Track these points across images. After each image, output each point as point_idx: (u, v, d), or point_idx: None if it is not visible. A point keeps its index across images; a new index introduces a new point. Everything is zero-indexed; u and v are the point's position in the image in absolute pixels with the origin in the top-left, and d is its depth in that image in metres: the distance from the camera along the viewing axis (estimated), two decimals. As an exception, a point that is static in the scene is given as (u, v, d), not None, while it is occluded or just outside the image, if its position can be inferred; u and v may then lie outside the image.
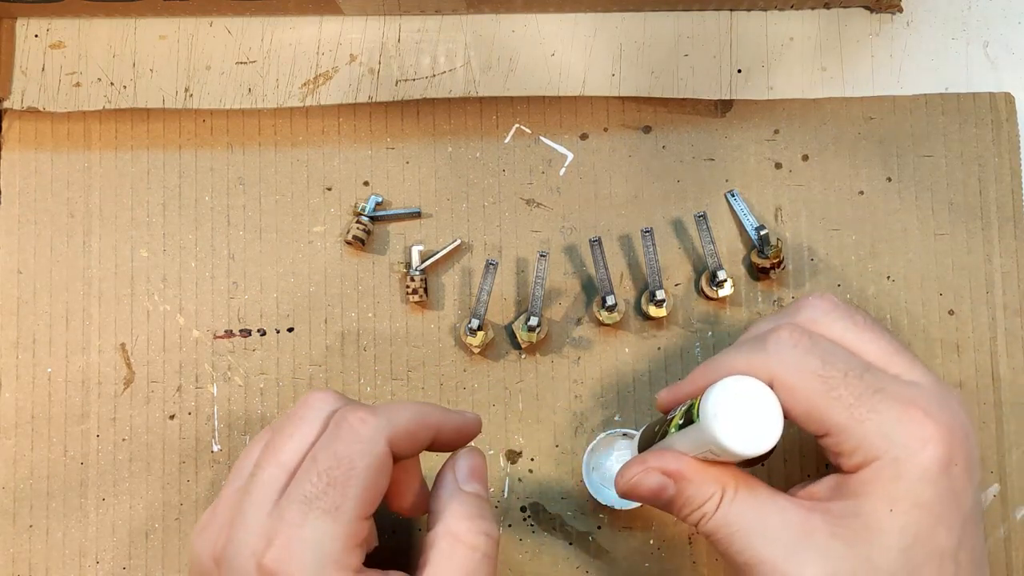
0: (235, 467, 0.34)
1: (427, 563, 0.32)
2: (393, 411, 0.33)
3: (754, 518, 0.33)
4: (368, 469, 0.31)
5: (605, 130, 0.45)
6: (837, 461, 0.33)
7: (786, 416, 0.32)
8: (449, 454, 0.36)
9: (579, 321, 0.44)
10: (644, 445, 0.37)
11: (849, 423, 0.31)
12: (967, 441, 0.32)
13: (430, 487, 0.35)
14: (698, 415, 0.32)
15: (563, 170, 0.45)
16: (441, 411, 0.35)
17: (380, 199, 0.45)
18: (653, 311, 0.43)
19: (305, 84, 0.46)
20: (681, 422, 0.33)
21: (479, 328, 0.42)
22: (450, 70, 0.46)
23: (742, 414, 0.31)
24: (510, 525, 0.43)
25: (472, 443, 0.36)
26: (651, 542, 0.43)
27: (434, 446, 0.35)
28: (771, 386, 0.32)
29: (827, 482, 0.33)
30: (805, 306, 0.35)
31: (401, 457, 0.33)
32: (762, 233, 0.43)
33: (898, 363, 0.33)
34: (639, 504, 0.40)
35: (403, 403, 0.34)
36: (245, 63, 0.46)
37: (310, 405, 0.33)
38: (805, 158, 0.45)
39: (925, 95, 0.46)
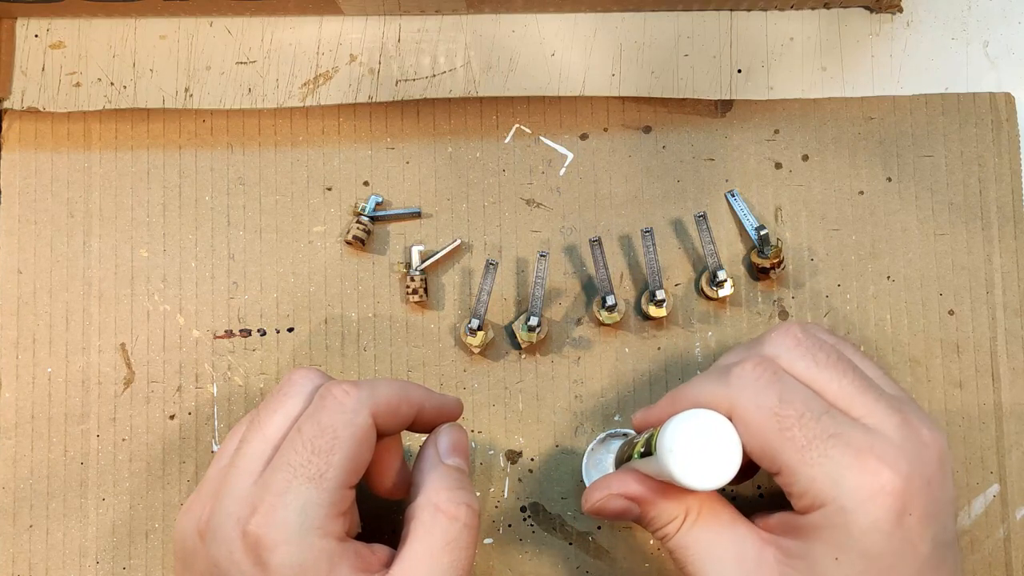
0: (220, 448, 0.35)
1: (409, 534, 0.32)
2: (377, 386, 0.33)
3: (711, 544, 0.33)
4: (352, 439, 0.31)
5: (605, 130, 0.45)
6: (789, 499, 0.33)
7: (743, 450, 0.32)
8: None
9: (579, 321, 0.44)
10: (619, 461, 0.38)
11: (799, 465, 0.31)
12: (927, 488, 0.31)
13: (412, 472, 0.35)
14: (655, 448, 0.32)
15: (563, 170, 0.45)
16: (424, 390, 0.35)
17: (380, 199, 0.45)
18: (653, 311, 0.43)
19: (305, 84, 0.46)
20: (642, 450, 0.34)
21: (479, 328, 0.42)
22: (450, 70, 0.46)
23: (697, 449, 0.31)
24: (510, 525, 0.43)
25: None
26: (651, 542, 0.43)
27: (416, 425, 0.35)
28: (731, 418, 0.32)
29: (782, 517, 0.34)
30: (769, 340, 0.35)
31: (384, 432, 0.34)
32: (762, 233, 0.43)
33: (860, 405, 0.32)
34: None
35: (386, 379, 0.35)
36: (245, 63, 0.46)
37: (294, 381, 0.34)
38: (805, 158, 0.45)
39: (925, 95, 0.46)
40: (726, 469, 0.31)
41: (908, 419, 0.32)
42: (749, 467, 0.36)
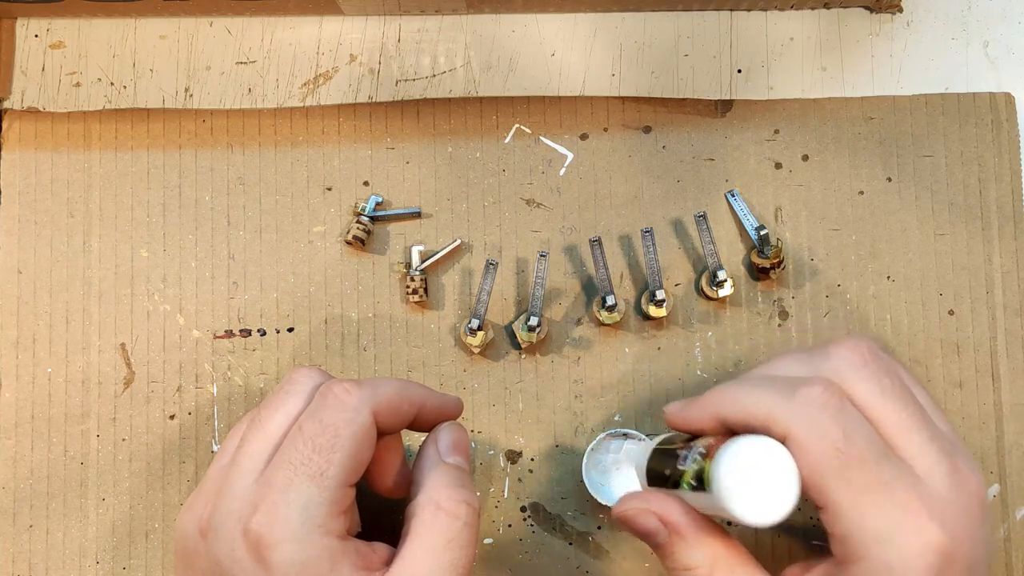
0: (221, 447, 0.35)
1: (410, 532, 0.32)
2: (378, 384, 0.33)
3: None
4: (353, 437, 0.31)
5: (605, 130, 0.45)
6: (829, 537, 0.32)
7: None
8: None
9: (579, 321, 0.44)
10: (653, 477, 0.35)
11: (849, 510, 0.30)
12: (971, 542, 0.31)
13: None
14: (710, 484, 0.30)
15: (563, 170, 0.45)
16: (424, 389, 0.35)
17: (380, 199, 0.45)
18: (653, 311, 0.43)
19: (305, 84, 0.46)
20: (693, 483, 0.32)
21: (479, 328, 0.42)
22: (450, 70, 0.46)
23: (756, 485, 0.29)
24: (510, 525, 0.43)
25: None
26: (651, 542, 0.43)
27: (416, 423, 0.35)
28: (786, 439, 0.31)
29: (821, 570, 0.33)
30: (836, 355, 0.33)
31: (385, 431, 0.34)
32: (762, 233, 0.43)
33: (916, 444, 0.32)
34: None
35: (387, 378, 0.35)
36: (245, 63, 0.46)
37: (295, 380, 0.34)
38: (805, 158, 0.45)
39: (925, 95, 0.46)
40: (784, 505, 0.29)
41: (958, 466, 0.32)
42: None
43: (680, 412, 0.35)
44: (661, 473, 0.34)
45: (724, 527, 0.34)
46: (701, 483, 0.31)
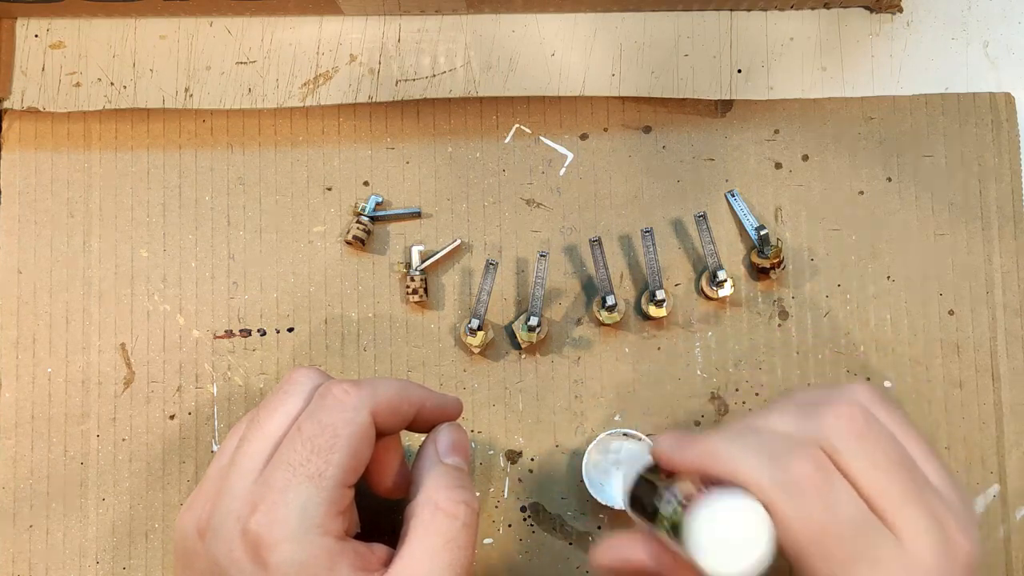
0: (220, 447, 0.35)
1: (409, 532, 0.32)
2: (377, 385, 0.33)
3: None
4: (351, 437, 0.31)
5: (605, 130, 0.45)
6: None
7: (774, 543, 0.31)
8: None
9: (579, 321, 0.44)
10: (634, 501, 0.36)
11: None
12: None
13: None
14: (684, 537, 0.31)
15: (563, 170, 0.45)
16: (423, 389, 0.35)
17: (380, 199, 0.45)
18: (653, 311, 0.43)
19: (305, 84, 0.46)
20: (669, 528, 0.32)
21: (479, 328, 0.42)
22: (450, 70, 0.46)
23: (728, 543, 0.30)
24: (510, 525, 0.43)
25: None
26: (651, 542, 0.43)
27: (416, 424, 0.35)
28: (770, 505, 0.31)
29: None
30: (829, 423, 0.33)
31: (384, 431, 0.34)
32: (762, 233, 0.43)
33: (906, 517, 0.32)
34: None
35: (386, 379, 0.35)
36: (245, 63, 0.46)
37: (294, 380, 0.34)
38: (805, 158, 0.45)
39: (925, 95, 0.46)
40: (756, 565, 0.30)
41: (949, 534, 0.32)
42: None
43: (668, 453, 0.35)
44: (642, 503, 0.35)
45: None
46: (676, 531, 0.32)
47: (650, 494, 0.34)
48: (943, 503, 0.33)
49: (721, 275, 0.43)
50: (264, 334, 0.44)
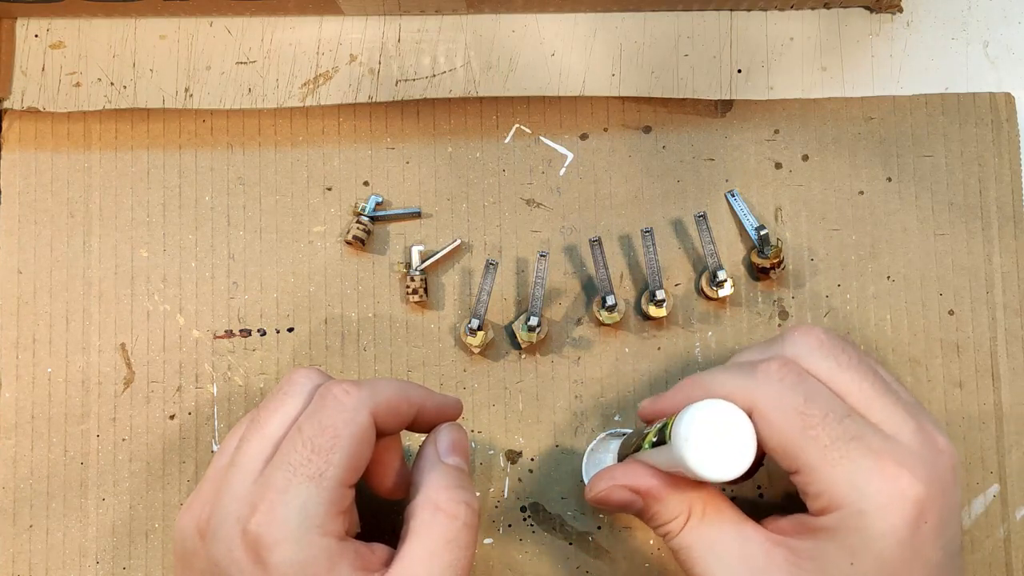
0: (220, 447, 0.35)
1: (409, 532, 0.32)
2: (377, 385, 0.33)
3: (716, 543, 0.33)
4: (352, 438, 0.31)
5: (605, 130, 0.45)
6: (804, 499, 0.33)
7: (760, 447, 0.32)
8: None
9: (579, 321, 0.44)
10: (623, 455, 0.38)
11: (820, 464, 0.31)
12: (943, 497, 0.32)
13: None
14: (670, 436, 0.31)
15: (563, 170, 0.45)
16: (423, 390, 0.35)
17: (380, 199, 0.45)
18: (653, 311, 0.43)
19: (305, 84, 0.46)
20: (655, 440, 0.33)
21: (479, 328, 0.42)
22: (450, 70, 0.46)
23: (713, 439, 0.31)
24: (510, 525, 0.43)
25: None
26: (651, 542, 0.43)
27: (416, 424, 0.35)
28: (750, 414, 0.32)
29: (796, 518, 0.33)
30: (791, 340, 0.35)
31: (384, 432, 0.34)
32: (762, 233, 0.43)
33: (879, 409, 0.33)
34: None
35: (386, 379, 0.35)
36: (245, 63, 0.46)
37: (294, 381, 0.34)
38: (805, 158, 0.45)
39: (925, 95, 0.46)
40: (741, 461, 0.31)
41: (924, 426, 0.33)
42: (753, 464, 0.36)
43: (651, 404, 0.36)
44: (628, 445, 0.36)
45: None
46: (662, 439, 0.32)
47: (636, 436, 0.36)
48: (911, 405, 0.34)
49: (721, 275, 0.43)
50: (264, 334, 0.44)
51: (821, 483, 0.31)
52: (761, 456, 0.33)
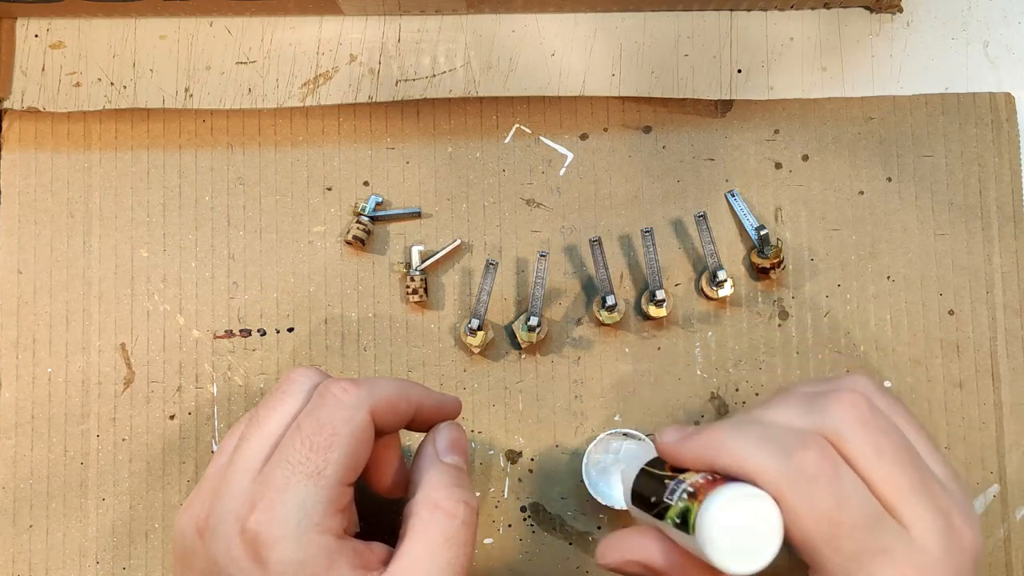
0: (219, 447, 0.35)
1: (408, 531, 0.32)
2: (375, 384, 0.33)
3: None
4: (350, 436, 0.31)
5: (605, 130, 0.45)
6: None
7: (784, 535, 0.31)
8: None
9: (579, 321, 0.44)
10: (638, 497, 0.35)
11: (841, 574, 0.30)
12: None
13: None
14: (694, 528, 0.30)
15: (563, 170, 0.45)
16: (422, 388, 0.35)
17: (380, 199, 0.45)
18: (653, 311, 0.43)
19: (305, 84, 0.46)
20: (678, 520, 0.32)
21: (479, 328, 0.42)
22: (450, 70, 0.46)
23: (740, 536, 0.30)
24: (510, 525, 0.43)
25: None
26: (651, 542, 0.43)
27: (415, 423, 0.35)
28: (779, 496, 0.31)
29: None
30: (834, 412, 0.33)
31: (383, 430, 0.34)
32: (762, 233, 0.43)
33: (911, 507, 0.32)
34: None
35: (385, 378, 0.35)
36: (245, 63, 0.46)
37: (293, 380, 0.34)
38: (805, 158, 0.45)
39: (925, 95, 0.46)
40: (765, 557, 0.30)
41: (953, 524, 0.32)
42: None
43: (673, 447, 0.34)
44: (647, 498, 0.34)
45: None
46: (685, 523, 0.31)
47: (655, 488, 0.34)
48: (947, 494, 0.33)
49: (721, 275, 0.43)
50: (264, 334, 0.44)
51: None
52: None
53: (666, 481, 0.33)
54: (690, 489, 0.32)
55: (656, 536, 0.34)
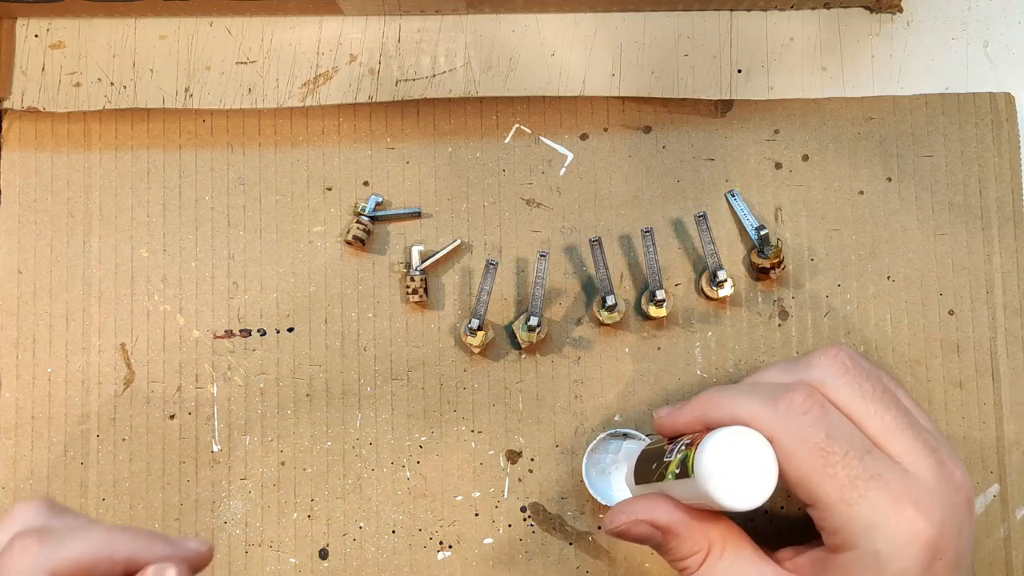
0: None
1: None
2: (66, 543, 0.29)
3: None
4: None
5: (605, 130, 0.45)
6: (820, 532, 0.33)
7: (779, 477, 0.32)
8: None
9: (579, 321, 0.44)
10: (640, 474, 0.37)
11: (838, 503, 0.31)
12: (959, 535, 0.32)
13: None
14: (693, 469, 0.32)
15: (563, 170, 0.45)
16: (145, 541, 0.30)
17: (380, 199, 0.45)
18: (653, 311, 0.43)
19: (305, 84, 0.46)
20: (677, 471, 0.33)
21: (479, 328, 0.42)
22: (450, 70, 0.46)
23: (737, 470, 0.31)
24: (510, 525, 0.43)
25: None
26: (651, 542, 0.43)
27: None
28: (772, 438, 0.32)
29: (812, 555, 0.34)
30: (817, 364, 0.34)
31: None
32: (762, 233, 0.43)
33: (899, 442, 0.33)
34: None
35: (97, 529, 0.30)
36: (245, 63, 0.46)
37: (4, 520, 0.31)
38: (805, 158, 0.45)
39: (925, 95, 0.46)
40: (763, 491, 0.31)
41: (943, 460, 0.33)
42: None
43: (668, 417, 0.36)
44: (648, 469, 0.36)
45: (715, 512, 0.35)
46: (685, 471, 0.32)
47: (656, 457, 0.36)
48: (932, 435, 0.34)
49: (721, 275, 0.43)
50: (264, 334, 0.44)
51: (837, 521, 0.31)
52: None
53: (664, 447, 0.35)
54: (687, 441, 0.33)
55: (660, 497, 0.35)
